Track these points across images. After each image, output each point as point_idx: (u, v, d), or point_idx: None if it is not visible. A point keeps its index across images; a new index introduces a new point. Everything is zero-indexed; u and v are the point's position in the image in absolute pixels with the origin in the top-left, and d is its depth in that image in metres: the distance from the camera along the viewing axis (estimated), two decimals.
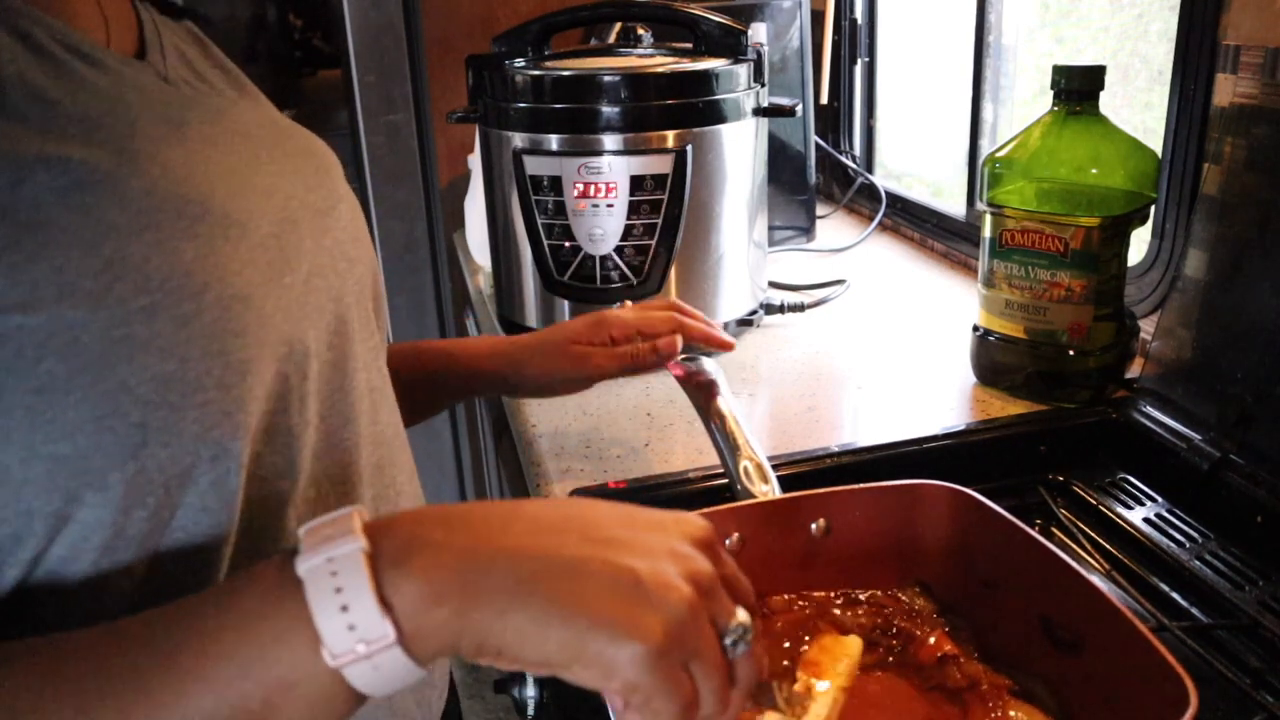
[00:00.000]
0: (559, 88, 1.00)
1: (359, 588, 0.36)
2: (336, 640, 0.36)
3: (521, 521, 0.40)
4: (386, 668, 0.37)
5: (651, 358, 0.78)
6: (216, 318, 0.43)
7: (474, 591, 0.37)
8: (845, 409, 0.97)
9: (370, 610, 0.36)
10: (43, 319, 0.39)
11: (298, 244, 0.51)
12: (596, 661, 0.37)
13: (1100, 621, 0.52)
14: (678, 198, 1.00)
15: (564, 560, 0.39)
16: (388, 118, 1.78)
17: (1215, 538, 0.76)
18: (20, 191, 0.39)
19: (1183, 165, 0.93)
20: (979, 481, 0.69)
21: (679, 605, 0.38)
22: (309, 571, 0.37)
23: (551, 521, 0.41)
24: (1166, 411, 0.86)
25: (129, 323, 0.41)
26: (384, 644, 0.36)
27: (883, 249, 1.49)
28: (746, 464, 0.69)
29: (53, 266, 0.39)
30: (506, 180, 1.05)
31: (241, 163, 0.50)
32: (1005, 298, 0.92)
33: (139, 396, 0.41)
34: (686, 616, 0.38)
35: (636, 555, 0.39)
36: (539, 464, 0.88)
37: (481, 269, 1.42)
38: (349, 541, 0.37)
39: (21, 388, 0.39)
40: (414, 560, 0.38)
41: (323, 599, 0.36)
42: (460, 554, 0.38)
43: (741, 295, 1.11)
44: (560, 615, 0.37)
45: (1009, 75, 1.37)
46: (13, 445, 0.39)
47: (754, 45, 1.05)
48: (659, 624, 0.37)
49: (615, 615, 0.37)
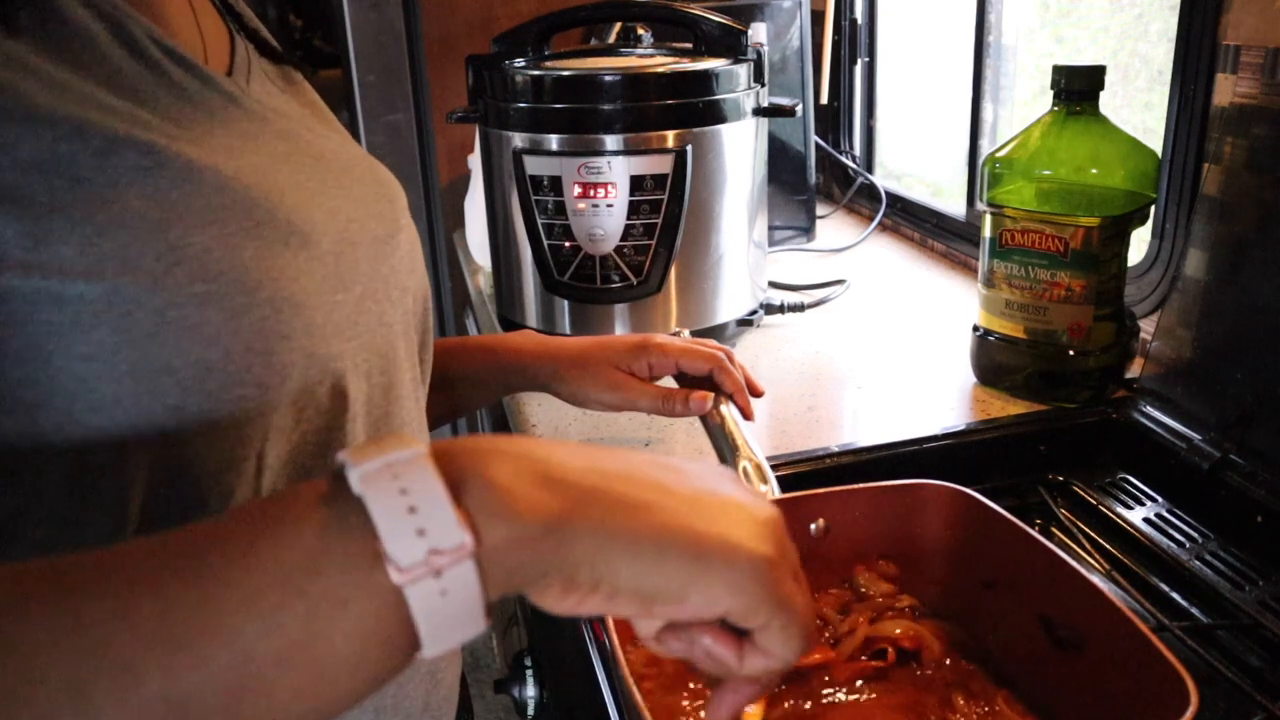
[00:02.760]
0: (559, 88, 1.00)
1: (429, 487, 0.31)
2: (402, 548, 0.30)
3: (582, 448, 0.37)
4: (455, 591, 0.31)
5: (682, 409, 0.77)
6: (265, 316, 0.44)
7: (572, 501, 0.33)
8: (845, 409, 0.97)
9: (444, 510, 0.31)
10: (102, 289, 0.40)
11: (354, 265, 0.52)
12: (720, 584, 0.34)
13: (1100, 621, 0.52)
14: (678, 198, 1.00)
15: (650, 480, 0.36)
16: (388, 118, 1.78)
17: (1215, 538, 0.76)
18: (105, 164, 0.41)
19: (1183, 165, 0.93)
20: (979, 481, 0.69)
21: (773, 519, 0.37)
22: (366, 476, 0.31)
23: (607, 450, 0.38)
24: (1166, 411, 0.86)
25: (182, 306, 0.42)
26: (459, 554, 0.31)
27: (883, 249, 1.48)
28: (746, 464, 0.69)
29: (120, 242, 0.41)
30: (506, 180, 1.05)
31: (310, 180, 0.52)
32: (1005, 298, 0.92)
33: (180, 380, 0.42)
34: (779, 529, 0.37)
35: (703, 478, 0.38)
36: None
37: (481, 269, 1.42)
38: (409, 447, 0.32)
39: (72, 352, 0.40)
40: (491, 466, 0.33)
41: (386, 500, 0.31)
42: (553, 465, 0.34)
43: (741, 295, 1.11)
44: (679, 535, 0.34)
45: (1009, 75, 1.37)
46: (52, 410, 0.40)
47: (754, 45, 1.05)
48: (768, 536, 0.36)
49: (731, 533, 0.35)
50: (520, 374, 0.82)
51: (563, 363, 0.80)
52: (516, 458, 0.34)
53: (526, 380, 0.82)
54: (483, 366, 0.81)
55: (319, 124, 0.59)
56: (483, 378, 0.82)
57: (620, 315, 1.05)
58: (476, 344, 0.84)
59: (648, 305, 1.04)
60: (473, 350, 0.82)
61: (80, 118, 0.41)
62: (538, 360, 0.81)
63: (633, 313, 1.05)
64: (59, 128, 0.40)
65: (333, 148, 0.57)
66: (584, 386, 0.80)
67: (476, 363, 0.81)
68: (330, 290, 0.49)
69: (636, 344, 0.80)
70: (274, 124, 0.53)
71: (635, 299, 1.04)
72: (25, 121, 0.40)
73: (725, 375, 0.77)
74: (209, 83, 0.49)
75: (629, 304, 1.04)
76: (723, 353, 0.79)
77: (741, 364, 0.80)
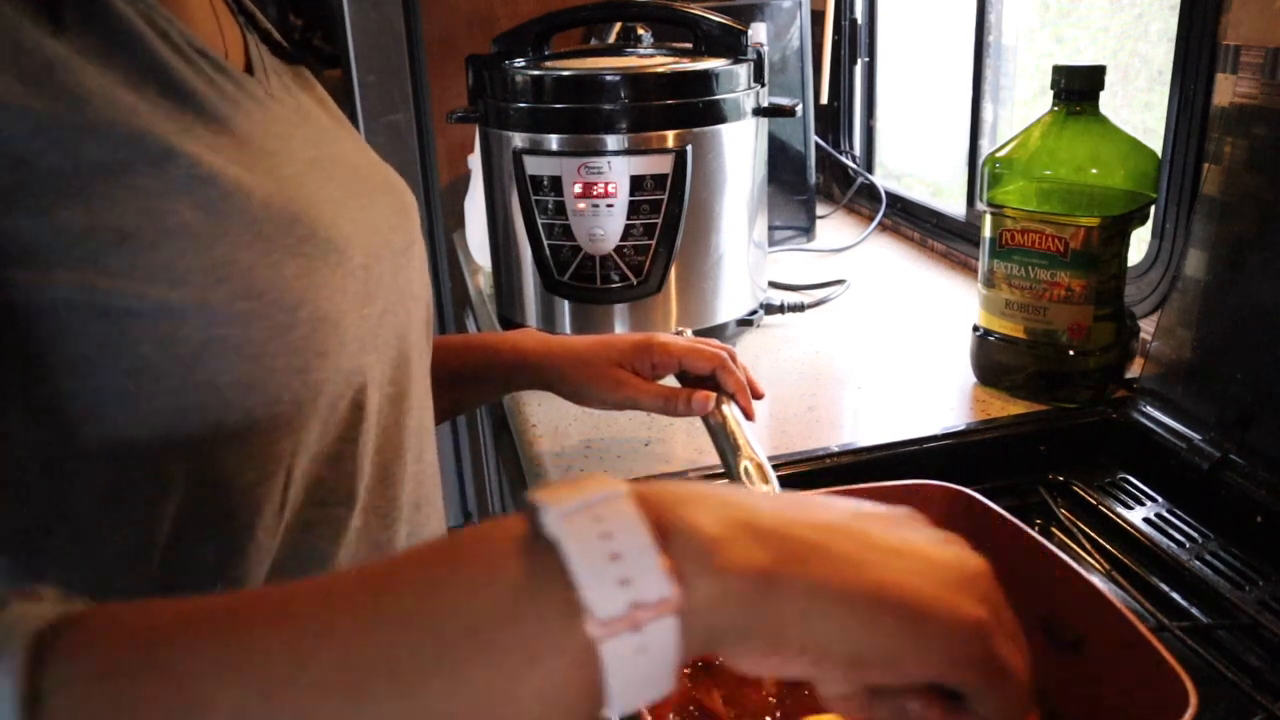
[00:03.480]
0: (559, 88, 1.00)
1: (634, 534, 0.29)
2: (603, 600, 0.28)
3: (771, 498, 0.36)
4: (654, 649, 0.28)
5: (684, 409, 0.77)
6: (305, 335, 0.45)
7: (783, 556, 0.30)
8: (845, 409, 0.97)
9: (650, 562, 0.28)
10: (150, 305, 0.40)
11: (379, 278, 0.53)
12: (937, 651, 0.31)
13: (1100, 621, 0.52)
14: (678, 198, 1.00)
15: (854, 532, 0.33)
16: (388, 118, 1.78)
17: (1215, 538, 0.76)
18: (159, 173, 0.41)
19: (1183, 165, 0.93)
20: (979, 481, 0.69)
21: (985, 575, 0.34)
22: (563, 516, 0.29)
23: (795, 499, 0.35)
24: (1166, 411, 0.86)
25: (228, 324, 0.42)
26: (663, 608, 0.28)
27: (883, 249, 1.48)
28: (747, 464, 0.69)
29: (169, 257, 0.41)
30: (506, 180, 1.05)
31: (339, 190, 0.52)
32: (1005, 298, 0.92)
33: (223, 396, 0.42)
34: (993, 586, 0.34)
35: (917, 530, 0.35)
36: (539, 464, 0.88)
37: (481, 269, 1.42)
38: (609, 488, 0.30)
39: (117, 367, 0.40)
40: (697, 514, 0.30)
41: (587, 548, 0.28)
42: (758, 515, 0.32)
43: (741, 295, 1.11)
44: (895, 597, 0.31)
45: (1009, 75, 1.37)
46: (95, 422, 0.40)
47: (754, 45, 1.05)
48: (984, 597, 0.33)
49: (948, 595, 0.32)
50: (522, 372, 0.81)
51: (565, 361, 0.80)
52: (721, 504, 0.31)
53: (528, 378, 0.82)
54: (485, 364, 0.81)
55: (334, 124, 0.60)
56: (484, 375, 0.82)
57: (620, 315, 1.05)
58: (479, 341, 0.84)
59: (648, 305, 1.04)
60: (475, 348, 0.82)
61: (137, 125, 0.41)
62: (540, 358, 0.81)
63: (633, 313, 1.05)
64: (117, 135, 0.40)
65: (351, 152, 0.58)
66: (586, 385, 0.79)
67: (478, 360, 0.81)
68: (360, 305, 0.50)
69: (639, 343, 0.80)
70: (299, 127, 0.53)
71: (635, 299, 1.04)
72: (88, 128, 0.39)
73: (728, 375, 0.77)
74: (242, 86, 0.49)
75: (629, 304, 1.04)
76: (725, 352, 0.79)
77: (744, 364, 0.80)
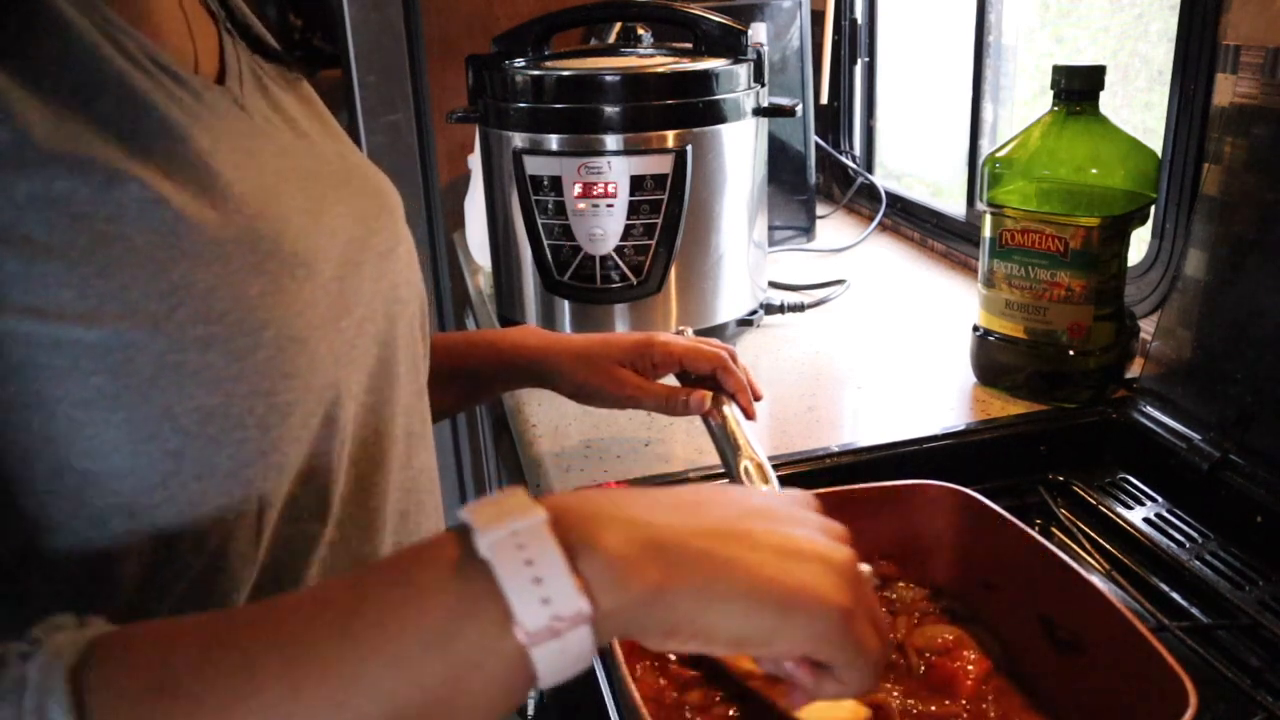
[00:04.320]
0: (559, 88, 1.00)
1: (551, 561, 0.35)
2: (530, 615, 0.34)
3: (671, 499, 0.40)
4: (572, 648, 0.35)
5: (683, 407, 0.77)
6: (270, 357, 0.44)
7: (673, 568, 0.36)
8: (845, 409, 0.97)
9: (565, 584, 0.34)
10: (102, 334, 0.39)
11: (357, 287, 0.52)
12: (802, 633, 0.38)
13: (1100, 621, 0.52)
14: (678, 198, 1.00)
15: (738, 534, 0.39)
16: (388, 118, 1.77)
17: (1215, 538, 0.76)
18: (105, 199, 0.40)
19: (1183, 165, 0.93)
20: (979, 481, 0.69)
21: (849, 563, 0.40)
22: (493, 545, 0.35)
23: (698, 501, 0.40)
24: (1166, 411, 0.86)
25: (184, 350, 0.41)
26: (578, 620, 0.34)
27: (883, 249, 1.48)
28: (747, 464, 0.69)
29: (120, 284, 0.40)
30: (506, 180, 1.05)
31: (311, 201, 0.51)
32: (1005, 298, 0.92)
33: (180, 426, 0.41)
34: (856, 575, 0.40)
35: (785, 523, 0.41)
36: (539, 464, 0.88)
37: (481, 269, 1.42)
38: (530, 515, 0.36)
39: (68, 399, 0.39)
40: (602, 535, 0.36)
41: (513, 571, 0.34)
42: (645, 528, 0.37)
43: (741, 295, 1.11)
44: (766, 591, 0.37)
45: (1009, 75, 1.37)
46: (46, 457, 0.39)
47: (754, 45, 1.05)
48: (844, 584, 0.39)
49: (808, 583, 0.38)
50: (523, 370, 0.81)
51: (566, 360, 0.80)
52: (625, 523, 0.37)
53: (529, 376, 0.82)
54: (486, 362, 0.81)
55: (316, 125, 0.58)
56: (486, 373, 0.82)
57: (620, 315, 1.05)
58: (480, 339, 0.84)
59: (648, 305, 1.04)
60: (476, 345, 0.82)
61: (78, 154, 0.40)
62: (541, 356, 0.80)
63: (633, 313, 1.05)
64: (55, 165, 0.39)
65: (330, 156, 0.56)
66: (587, 384, 0.79)
67: (480, 358, 0.81)
68: (334, 319, 0.48)
69: (639, 342, 0.79)
70: (272, 137, 0.52)
71: (635, 299, 1.04)
72: (18, 165, 0.38)
73: (728, 375, 0.77)
74: (200, 98, 0.47)
75: (629, 304, 1.04)
76: (726, 352, 0.79)
77: (744, 364, 0.80)
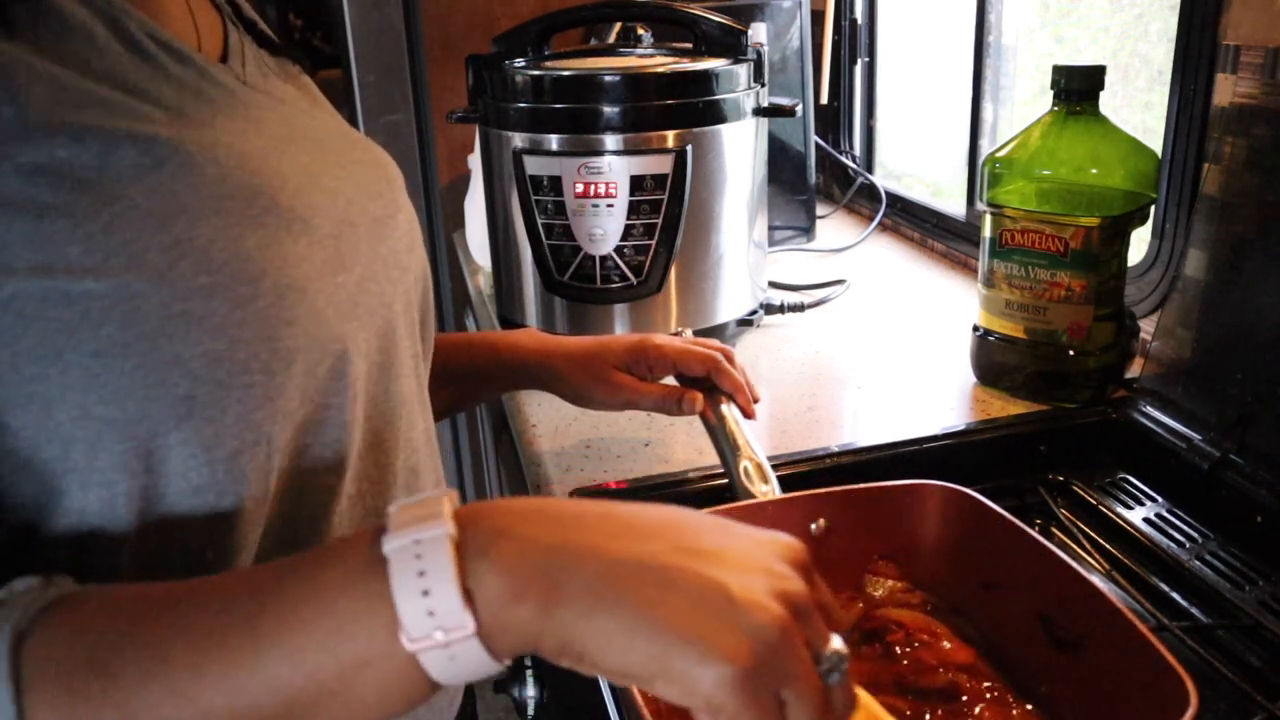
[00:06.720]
0: (559, 88, 1.00)
1: (442, 575, 0.36)
2: (415, 625, 0.35)
3: (614, 522, 0.39)
4: (463, 658, 0.36)
5: (677, 408, 0.77)
6: (270, 304, 0.45)
7: (558, 590, 0.36)
8: (845, 409, 0.97)
9: (451, 599, 0.35)
10: (109, 286, 0.41)
11: (354, 247, 0.53)
12: (681, 679, 0.35)
13: (1100, 621, 0.52)
14: (678, 198, 1.00)
15: (655, 567, 0.37)
16: (388, 118, 1.77)
17: (1215, 538, 0.76)
18: (107, 163, 0.42)
19: (1183, 165, 0.93)
20: (979, 481, 0.69)
21: (770, 626, 0.36)
22: (394, 551, 0.36)
23: (645, 525, 0.39)
24: (1166, 411, 0.86)
25: (188, 299, 0.43)
26: (462, 634, 0.35)
27: (883, 249, 1.48)
28: (746, 464, 0.69)
29: (125, 239, 0.42)
30: (506, 180, 1.05)
31: (311, 162, 0.53)
32: (1005, 298, 0.92)
33: (189, 370, 0.43)
34: (778, 639, 0.36)
35: (729, 569, 0.37)
36: (539, 464, 0.88)
37: (481, 269, 1.42)
38: (436, 525, 0.37)
39: (82, 349, 0.41)
40: (500, 552, 0.37)
41: (405, 581, 0.36)
42: (547, 550, 0.37)
43: (741, 295, 1.11)
44: (648, 626, 0.35)
45: (1009, 75, 1.37)
46: (67, 404, 0.41)
47: (754, 45, 1.05)
48: (748, 645, 0.36)
49: (704, 632, 0.35)
50: (522, 372, 0.82)
51: (563, 364, 0.80)
52: (526, 541, 0.37)
53: (528, 379, 0.83)
54: (485, 363, 0.82)
55: (316, 109, 0.60)
56: (484, 375, 0.82)
57: (620, 315, 1.05)
58: (480, 340, 0.85)
59: (648, 305, 1.04)
60: (476, 346, 0.83)
61: (77, 123, 0.42)
62: (539, 359, 0.81)
63: (633, 313, 1.05)
64: (56, 136, 0.41)
65: (331, 130, 0.58)
66: (585, 386, 0.80)
67: (479, 359, 0.82)
68: (331, 273, 0.50)
69: (634, 345, 0.80)
70: (273, 110, 0.54)
71: (635, 299, 1.04)
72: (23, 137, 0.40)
73: (722, 376, 0.77)
74: (205, 73, 0.50)
75: (629, 304, 1.04)
76: (721, 353, 0.79)
77: (742, 365, 0.80)
